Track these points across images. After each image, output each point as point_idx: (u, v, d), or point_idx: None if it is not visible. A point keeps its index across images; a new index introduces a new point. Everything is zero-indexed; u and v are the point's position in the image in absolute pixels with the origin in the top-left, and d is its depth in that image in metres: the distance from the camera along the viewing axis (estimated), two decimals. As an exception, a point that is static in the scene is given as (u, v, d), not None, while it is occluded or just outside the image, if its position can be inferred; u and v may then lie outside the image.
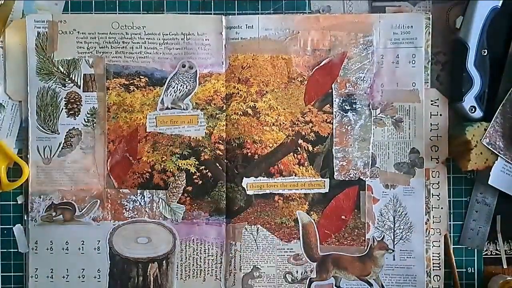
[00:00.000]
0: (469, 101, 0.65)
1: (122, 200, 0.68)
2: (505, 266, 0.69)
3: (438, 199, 0.68)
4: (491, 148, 0.64)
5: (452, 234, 0.69)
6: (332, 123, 0.68)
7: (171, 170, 0.68)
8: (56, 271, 0.68)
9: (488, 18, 0.64)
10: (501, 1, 0.64)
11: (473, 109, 0.65)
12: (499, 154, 0.65)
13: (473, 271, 0.70)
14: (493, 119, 0.65)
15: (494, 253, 0.70)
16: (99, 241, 0.68)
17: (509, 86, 0.65)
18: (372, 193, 0.68)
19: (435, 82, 0.68)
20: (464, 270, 0.69)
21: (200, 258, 0.69)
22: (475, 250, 0.70)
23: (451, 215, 0.69)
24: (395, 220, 0.68)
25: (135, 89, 0.68)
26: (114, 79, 0.68)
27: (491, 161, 0.65)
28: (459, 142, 0.66)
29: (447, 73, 0.68)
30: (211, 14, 0.69)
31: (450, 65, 0.68)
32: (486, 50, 0.65)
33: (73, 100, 0.68)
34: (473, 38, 0.64)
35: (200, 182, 0.68)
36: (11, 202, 0.69)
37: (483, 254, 0.70)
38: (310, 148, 0.68)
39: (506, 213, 0.69)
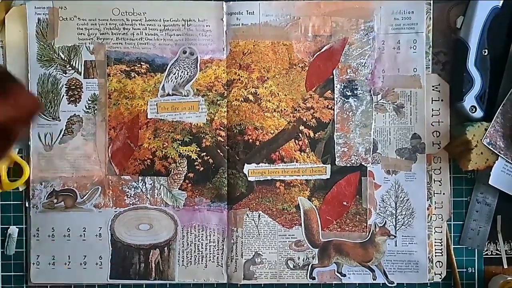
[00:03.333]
0: (469, 101, 0.65)
1: (124, 187, 0.68)
2: (505, 266, 0.69)
3: (440, 185, 0.68)
4: (492, 148, 0.64)
5: (452, 234, 0.69)
6: (333, 109, 0.68)
7: (173, 156, 0.68)
8: (57, 258, 0.68)
9: (489, 18, 0.64)
10: (501, 1, 0.64)
11: (474, 109, 0.65)
12: (499, 154, 0.64)
13: (473, 271, 0.69)
14: (493, 119, 0.65)
15: (495, 253, 0.69)
16: (101, 227, 0.68)
17: (509, 86, 0.65)
18: (374, 179, 0.68)
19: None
20: (465, 270, 0.69)
21: (202, 244, 0.68)
22: (476, 250, 0.69)
23: (452, 215, 0.69)
24: (397, 206, 0.68)
25: (136, 75, 0.68)
26: (115, 65, 0.68)
27: (491, 161, 0.65)
28: (460, 142, 0.65)
29: (447, 73, 0.68)
30: (212, 0, 0.68)
31: (450, 65, 0.68)
32: (486, 50, 0.64)
33: (74, 87, 0.68)
34: (473, 38, 0.64)
35: (202, 168, 0.68)
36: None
37: (484, 254, 0.69)
38: (312, 134, 0.68)
39: (506, 213, 0.69)
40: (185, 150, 0.68)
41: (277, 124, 0.68)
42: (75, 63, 0.68)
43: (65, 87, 0.68)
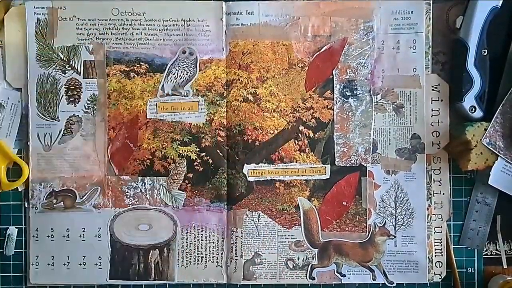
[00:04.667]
0: (469, 101, 0.65)
1: (123, 187, 0.68)
2: (505, 266, 0.69)
3: (439, 185, 0.68)
4: (491, 148, 0.64)
5: (452, 234, 0.69)
6: (333, 109, 0.68)
7: (172, 156, 0.68)
8: (57, 259, 0.68)
9: (488, 18, 0.64)
10: (501, 1, 0.64)
11: (473, 109, 0.65)
12: (499, 154, 0.64)
13: (473, 271, 0.69)
14: (493, 119, 0.64)
15: (494, 253, 0.69)
16: (100, 228, 0.68)
17: (509, 86, 0.65)
18: (373, 179, 0.68)
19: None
20: (464, 270, 0.69)
21: (201, 244, 0.68)
22: (475, 250, 0.69)
23: (451, 215, 0.69)
24: (397, 206, 0.68)
25: (136, 75, 0.68)
26: (114, 65, 0.68)
27: (491, 161, 0.65)
28: (459, 142, 0.65)
29: (447, 73, 0.68)
30: (211, 0, 0.68)
31: (450, 65, 0.68)
32: (486, 50, 0.64)
33: (73, 87, 0.68)
34: (473, 38, 0.64)
35: (201, 168, 0.68)
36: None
37: (483, 254, 0.70)
38: (311, 135, 0.68)
39: (506, 213, 0.69)
40: (185, 150, 0.68)
41: (277, 124, 0.68)
42: (75, 63, 0.68)
43: (65, 87, 0.68)
